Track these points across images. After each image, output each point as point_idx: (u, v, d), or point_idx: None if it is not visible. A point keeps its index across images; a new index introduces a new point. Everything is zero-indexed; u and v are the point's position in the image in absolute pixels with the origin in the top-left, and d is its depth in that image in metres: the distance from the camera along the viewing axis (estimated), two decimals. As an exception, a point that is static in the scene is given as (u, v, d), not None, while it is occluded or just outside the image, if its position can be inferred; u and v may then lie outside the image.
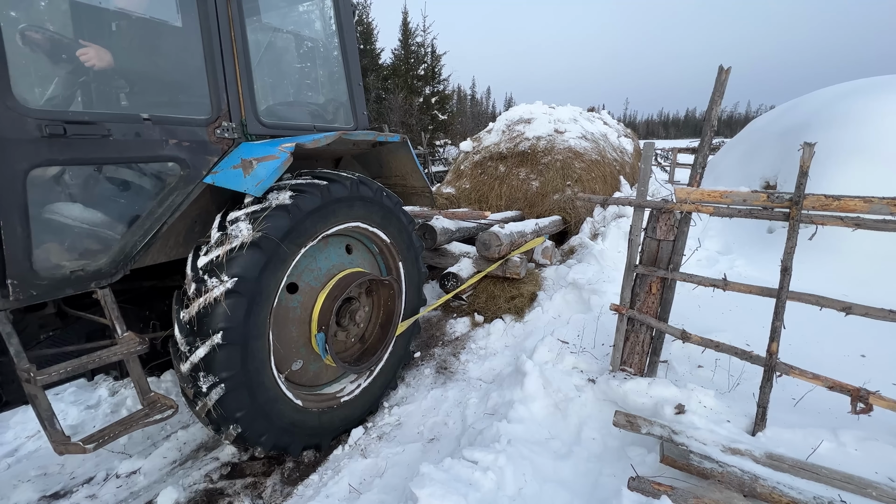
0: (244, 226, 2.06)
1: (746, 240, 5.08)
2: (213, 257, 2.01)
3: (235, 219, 2.10)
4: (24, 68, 1.81)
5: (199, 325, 1.98)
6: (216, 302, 1.96)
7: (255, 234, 2.04)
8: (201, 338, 1.97)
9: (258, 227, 2.06)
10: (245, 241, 2.02)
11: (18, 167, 1.63)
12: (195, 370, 2.00)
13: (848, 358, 2.92)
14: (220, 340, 1.96)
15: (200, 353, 1.97)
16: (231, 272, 1.99)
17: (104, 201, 1.97)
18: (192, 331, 1.99)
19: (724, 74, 2.33)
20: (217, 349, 1.97)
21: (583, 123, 7.69)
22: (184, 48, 2.23)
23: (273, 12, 2.96)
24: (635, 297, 2.69)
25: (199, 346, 1.97)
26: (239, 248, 2.01)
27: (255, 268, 2.05)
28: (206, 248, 2.07)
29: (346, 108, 3.10)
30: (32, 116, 1.66)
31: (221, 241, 2.05)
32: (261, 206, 2.14)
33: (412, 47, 19.61)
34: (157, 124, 2.01)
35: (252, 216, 2.10)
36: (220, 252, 2.00)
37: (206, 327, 1.97)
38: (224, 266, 1.99)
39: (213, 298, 1.95)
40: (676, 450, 2.05)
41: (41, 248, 1.75)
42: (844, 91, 5.78)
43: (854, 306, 2.01)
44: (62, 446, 1.72)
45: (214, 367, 1.99)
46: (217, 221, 2.15)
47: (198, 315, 1.97)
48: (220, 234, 2.07)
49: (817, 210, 2.10)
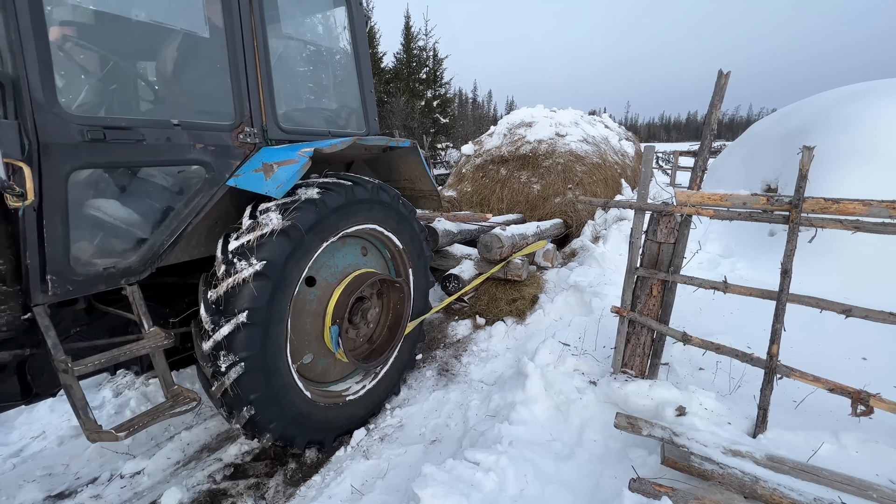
0: (274, 215, 2.17)
1: (748, 243, 5.08)
2: (244, 241, 2.11)
3: (266, 209, 2.20)
4: (68, 78, 1.93)
5: (225, 304, 2.06)
6: (244, 282, 2.05)
7: (285, 223, 2.14)
8: (226, 317, 2.05)
9: (288, 217, 2.16)
10: (276, 229, 2.12)
11: (61, 169, 1.75)
12: (217, 348, 2.07)
13: (849, 360, 2.92)
14: (244, 319, 2.04)
15: (224, 330, 2.04)
16: (260, 256, 2.08)
17: (136, 202, 2.07)
18: (217, 310, 2.08)
19: (724, 78, 2.35)
20: (241, 328, 2.05)
21: (584, 127, 7.71)
22: (211, 58, 2.33)
23: (292, 22, 3.05)
24: (636, 299, 2.71)
25: (223, 324, 2.05)
26: (269, 234, 2.11)
27: (282, 254, 2.15)
28: (236, 235, 2.17)
29: (359, 114, 3.23)
30: (76, 123, 1.77)
31: (252, 227, 2.15)
32: (290, 199, 2.25)
33: (414, 51, 19.71)
34: (185, 130, 2.13)
35: (282, 207, 2.21)
36: (252, 237, 2.11)
37: (232, 307, 2.05)
38: (254, 250, 2.08)
39: (241, 279, 2.04)
40: (677, 451, 2.06)
41: (78, 246, 1.87)
42: (845, 94, 5.79)
43: (854, 309, 2.02)
44: (95, 434, 1.80)
45: (236, 345, 2.06)
46: (248, 211, 2.25)
47: (225, 294, 2.06)
48: (252, 221, 2.17)
49: (817, 213, 2.11)
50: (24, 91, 1.63)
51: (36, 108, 1.66)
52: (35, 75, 1.66)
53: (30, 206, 1.65)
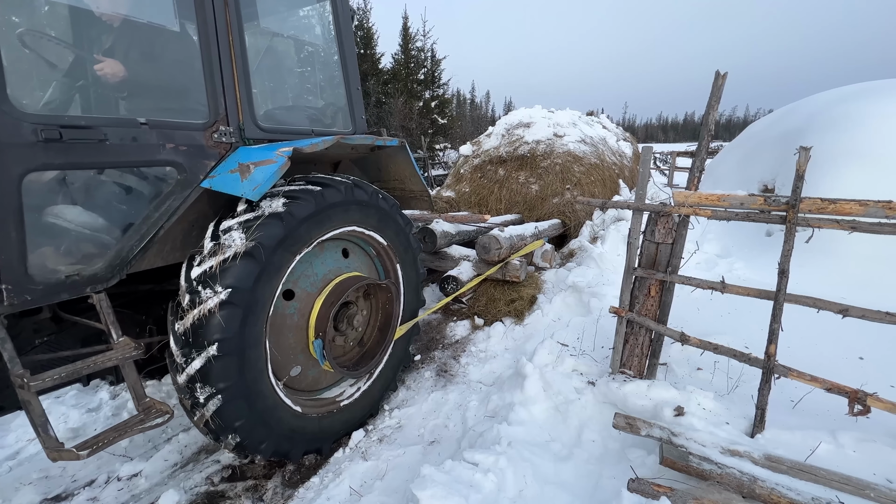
0: (237, 235, 2.02)
1: (745, 243, 5.10)
2: (206, 268, 1.97)
3: (228, 228, 2.06)
4: (21, 72, 1.81)
5: (194, 337, 1.95)
6: (210, 313, 1.92)
7: (249, 244, 2.00)
8: (197, 349, 1.94)
9: (251, 237, 2.02)
10: (238, 252, 1.98)
11: (13, 171, 1.62)
12: (192, 381, 1.98)
13: (846, 360, 2.93)
14: (215, 352, 1.93)
15: (196, 364, 1.94)
16: (225, 283, 1.95)
17: (100, 205, 1.96)
18: (187, 342, 1.96)
19: (721, 80, 2.36)
20: (213, 361, 1.94)
21: (582, 127, 7.72)
22: (182, 53, 2.23)
23: (272, 17, 2.97)
24: (634, 299, 2.71)
25: (194, 357, 1.94)
26: (232, 258, 1.98)
27: (249, 278, 2.01)
28: (199, 259, 2.04)
29: (345, 113, 3.11)
30: (28, 121, 1.65)
31: (214, 251, 2.01)
32: (254, 214, 2.10)
33: (412, 52, 19.73)
34: (154, 129, 1.99)
35: (245, 225, 2.06)
36: (214, 263, 1.97)
37: (201, 339, 1.94)
38: (218, 277, 1.96)
39: (207, 310, 1.92)
40: (676, 451, 2.06)
41: (36, 253, 1.73)
42: (843, 95, 5.81)
43: (851, 308, 2.03)
44: (55, 452, 1.70)
45: (211, 378, 1.96)
46: (210, 231, 2.12)
47: (192, 326, 1.94)
48: (213, 243, 2.04)
49: (814, 213, 2.12)
50: None
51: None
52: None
53: None
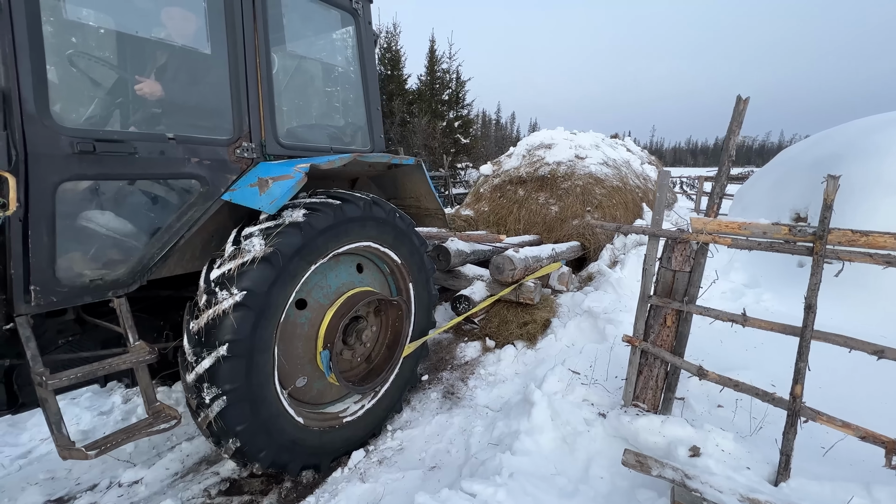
0: (257, 241, 2.12)
1: (775, 273, 4.85)
2: (225, 270, 2.06)
3: (250, 234, 2.16)
4: (66, 90, 1.95)
5: (206, 336, 2.01)
6: (224, 314, 1.99)
7: (267, 250, 2.08)
8: (208, 349, 2.01)
9: (270, 243, 2.10)
10: (256, 256, 2.06)
11: (49, 180, 1.75)
12: (200, 381, 2.03)
13: (884, 403, 2.70)
14: (225, 352, 1.99)
15: (206, 363, 1.99)
16: (241, 285, 2.03)
17: (125, 214, 2.06)
18: (200, 341, 2.03)
19: (743, 105, 2.28)
20: (222, 361, 1.99)
21: (604, 150, 7.65)
22: (211, 74, 2.36)
23: (299, 41, 3.11)
24: (649, 328, 2.59)
25: (205, 356, 2.00)
26: (250, 262, 2.06)
27: (264, 282, 2.08)
28: (219, 262, 2.12)
29: (364, 132, 3.22)
30: (66, 134, 1.78)
31: (234, 255, 2.10)
32: (275, 222, 2.19)
33: (438, 73, 20.17)
34: (180, 143, 2.12)
35: (265, 232, 2.15)
36: (233, 265, 2.05)
37: (213, 339, 2.00)
38: (235, 279, 2.03)
39: (221, 310, 1.99)
40: (689, 496, 1.91)
41: (64, 258, 1.84)
42: (881, 122, 5.55)
43: (887, 350, 1.87)
44: (66, 451, 1.76)
45: (218, 378, 2.01)
46: (232, 236, 2.21)
47: (206, 326, 2.01)
48: (234, 248, 2.13)
49: (844, 245, 1.99)
50: (15, 102, 1.64)
51: (26, 119, 1.67)
52: (28, 87, 1.67)
53: (14, 216, 1.65)
